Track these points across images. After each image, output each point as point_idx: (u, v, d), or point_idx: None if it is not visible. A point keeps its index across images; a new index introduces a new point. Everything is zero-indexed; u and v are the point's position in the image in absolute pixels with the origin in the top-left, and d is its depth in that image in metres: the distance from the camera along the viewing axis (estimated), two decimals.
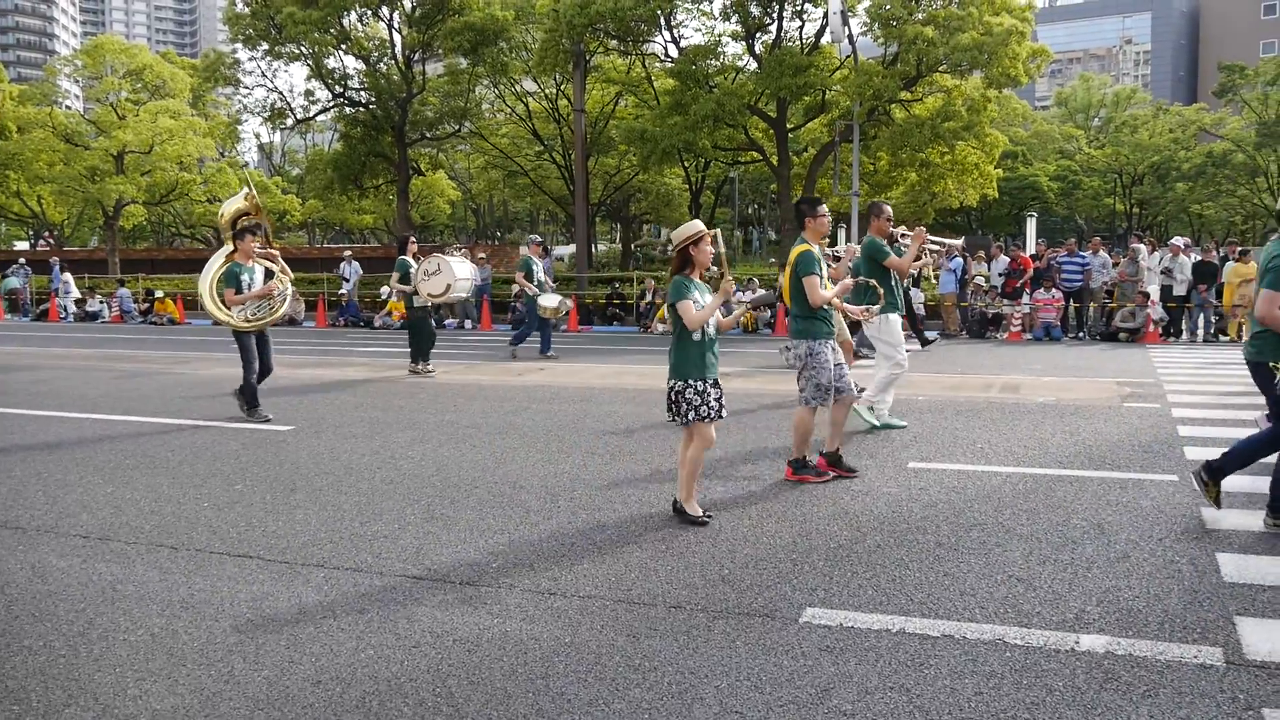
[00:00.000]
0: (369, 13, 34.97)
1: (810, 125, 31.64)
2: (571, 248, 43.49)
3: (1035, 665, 3.90)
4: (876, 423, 9.01)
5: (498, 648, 4.13)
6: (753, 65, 29.08)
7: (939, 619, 4.37)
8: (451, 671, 3.91)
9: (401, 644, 4.18)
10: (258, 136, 78.16)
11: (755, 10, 27.86)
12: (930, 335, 18.45)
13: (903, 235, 9.58)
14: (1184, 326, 18.89)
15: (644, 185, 44.85)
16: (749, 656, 4.01)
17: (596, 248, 52.51)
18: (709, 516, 5.93)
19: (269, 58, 36.09)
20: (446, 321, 24.08)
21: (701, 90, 27.05)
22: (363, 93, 36.49)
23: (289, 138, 60.44)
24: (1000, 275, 20.47)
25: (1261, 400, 6.52)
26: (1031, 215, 31.59)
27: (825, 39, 27.49)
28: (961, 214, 45.16)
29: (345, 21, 34.71)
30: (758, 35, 28.66)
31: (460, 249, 21.77)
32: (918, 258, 8.97)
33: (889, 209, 8.84)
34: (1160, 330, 18.48)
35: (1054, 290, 19.20)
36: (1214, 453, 7.63)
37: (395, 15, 35.21)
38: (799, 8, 28.33)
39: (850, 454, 7.90)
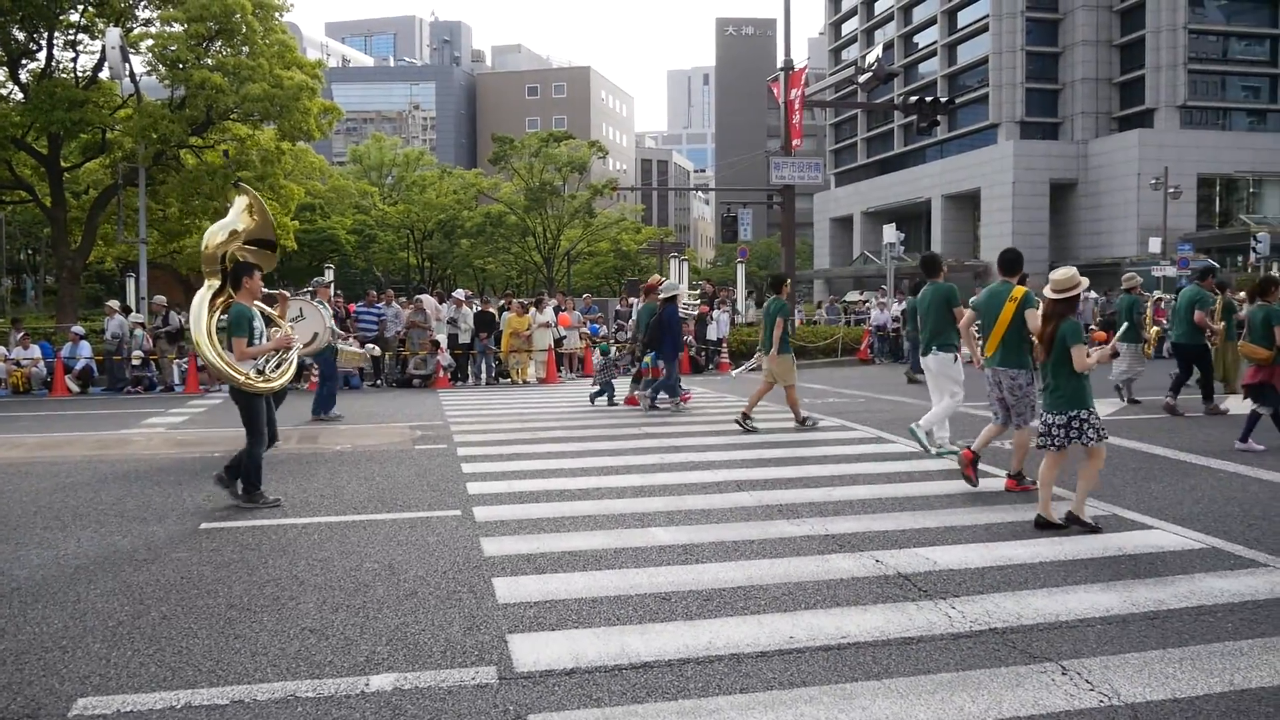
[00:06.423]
0: None
1: (90, 165, 29.21)
2: None
3: (326, 715, 3.92)
4: (933, 450, 9.60)
5: None
6: (19, 95, 26.02)
7: (229, 685, 4.20)
8: None
9: None
10: None
11: (19, 35, 25.05)
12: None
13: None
14: (469, 371, 20.64)
15: None
16: None
17: None
18: (1099, 526, 6.64)
19: None
20: None
21: None
22: None
23: None
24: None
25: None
26: (330, 267, 32.26)
27: (105, 74, 25.61)
28: None
29: None
30: (24, 62, 25.78)
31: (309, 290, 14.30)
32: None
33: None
34: (449, 375, 19.98)
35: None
36: (494, 485, 8.43)
37: None
38: (72, 38, 26.08)
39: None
